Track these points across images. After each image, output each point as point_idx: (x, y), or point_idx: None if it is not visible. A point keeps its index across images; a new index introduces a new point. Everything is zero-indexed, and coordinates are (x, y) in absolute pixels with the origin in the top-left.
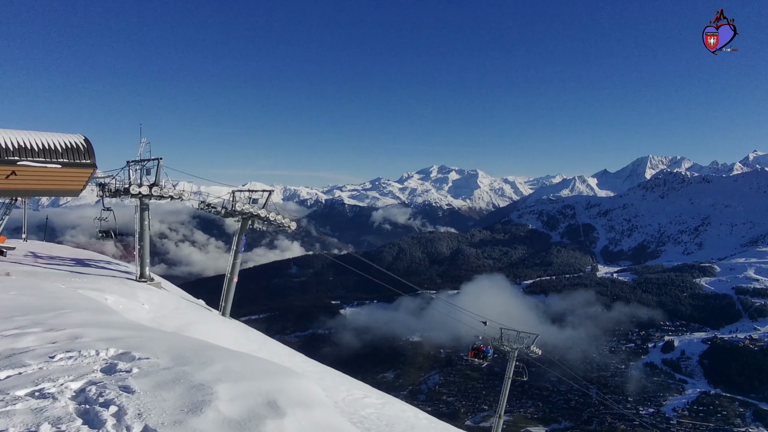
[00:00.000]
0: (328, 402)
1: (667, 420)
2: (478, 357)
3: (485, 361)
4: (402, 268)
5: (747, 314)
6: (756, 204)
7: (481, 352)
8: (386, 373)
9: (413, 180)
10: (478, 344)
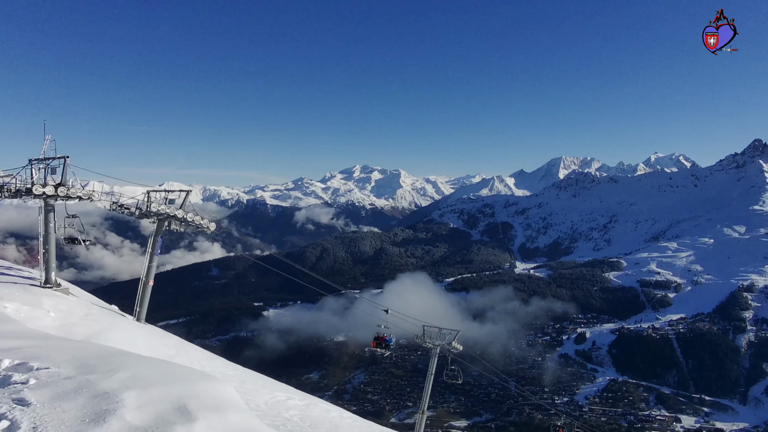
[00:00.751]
0: (243, 405)
1: (580, 408)
2: (381, 346)
3: (387, 350)
4: (326, 269)
5: (650, 305)
6: (657, 202)
7: (383, 342)
8: (311, 374)
9: (336, 180)
10: (380, 333)
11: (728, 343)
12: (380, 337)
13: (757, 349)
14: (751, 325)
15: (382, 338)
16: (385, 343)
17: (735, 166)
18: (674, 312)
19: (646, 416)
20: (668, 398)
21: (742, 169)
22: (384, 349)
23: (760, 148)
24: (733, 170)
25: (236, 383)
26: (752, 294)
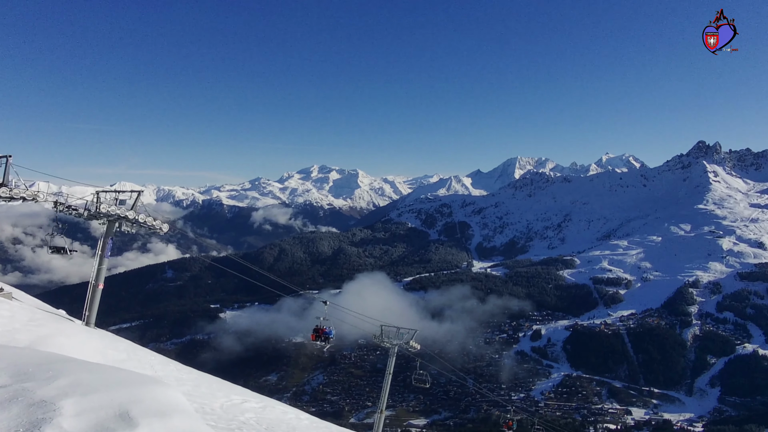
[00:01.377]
0: (190, 409)
1: (536, 403)
2: (320, 339)
3: (327, 343)
4: (284, 269)
5: (602, 302)
6: (609, 201)
7: (323, 334)
8: (269, 375)
9: (294, 180)
10: (320, 325)
11: (675, 337)
12: (319, 329)
13: (701, 342)
14: (696, 319)
15: (321, 330)
16: (324, 335)
17: (681, 166)
18: (625, 308)
19: (598, 410)
20: (619, 392)
21: (687, 169)
22: (324, 341)
23: (704, 150)
24: (679, 170)
25: (191, 387)
26: (697, 289)
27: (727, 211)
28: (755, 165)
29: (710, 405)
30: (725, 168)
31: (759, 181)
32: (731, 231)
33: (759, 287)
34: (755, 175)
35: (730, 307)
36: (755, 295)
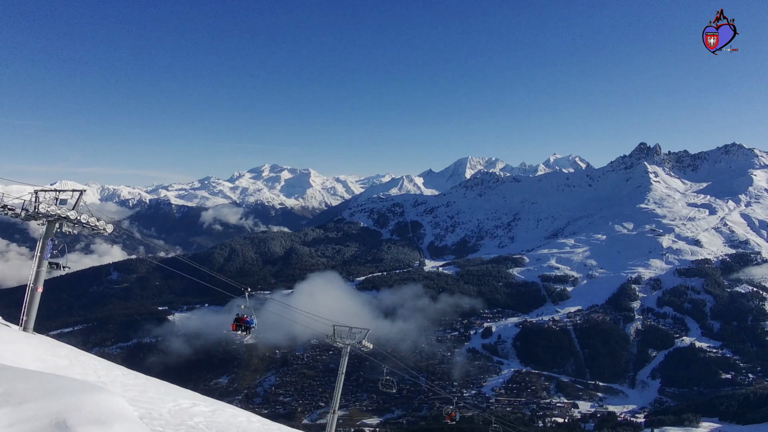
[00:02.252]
0: (133, 416)
1: (487, 399)
2: (241, 329)
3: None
4: (234, 270)
5: (550, 299)
6: (556, 201)
7: (243, 323)
8: (220, 378)
9: (245, 179)
10: (240, 314)
11: (619, 332)
12: (240, 318)
13: (643, 336)
14: (639, 314)
15: (242, 319)
16: (245, 325)
17: (624, 167)
18: (572, 304)
19: (547, 404)
20: (567, 386)
21: (630, 170)
22: (245, 331)
23: (645, 151)
24: (622, 171)
25: (137, 392)
26: (639, 285)
27: (666, 210)
28: (692, 166)
29: (651, 396)
30: (665, 169)
31: (695, 182)
32: (670, 229)
33: (696, 283)
34: (692, 175)
35: (669, 302)
36: (692, 291)
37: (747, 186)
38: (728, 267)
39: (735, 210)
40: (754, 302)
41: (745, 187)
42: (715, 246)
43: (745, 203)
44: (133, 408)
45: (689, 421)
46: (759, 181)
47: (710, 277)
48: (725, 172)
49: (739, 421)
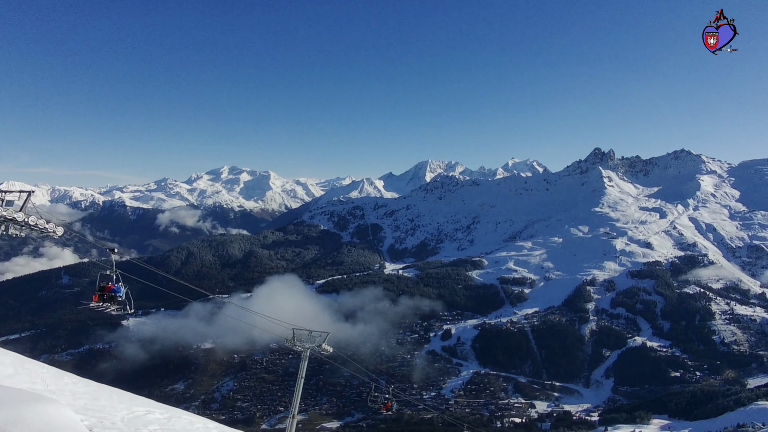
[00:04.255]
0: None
1: (446, 401)
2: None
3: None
4: (192, 273)
5: (508, 301)
6: (514, 204)
7: (109, 292)
8: (176, 384)
9: (203, 181)
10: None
11: (574, 332)
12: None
13: (597, 336)
14: (593, 315)
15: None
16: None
17: (579, 171)
18: (529, 306)
19: (505, 404)
20: (524, 386)
21: (585, 174)
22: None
23: (599, 156)
24: (578, 175)
25: (88, 401)
26: (594, 287)
27: (620, 213)
28: (644, 171)
29: (605, 395)
30: (618, 173)
31: (647, 186)
32: (623, 232)
33: (647, 284)
34: (644, 180)
35: (622, 303)
36: (644, 292)
37: (695, 191)
38: (677, 269)
39: (684, 214)
40: (701, 303)
41: (693, 191)
42: (665, 249)
43: (693, 207)
44: (83, 417)
45: (641, 418)
46: (706, 186)
47: (661, 278)
48: (675, 178)
49: (687, 417)
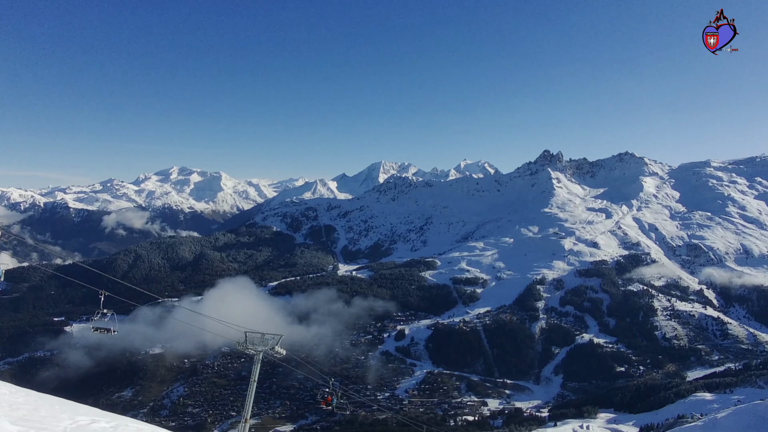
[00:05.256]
0: None
1: (400, 401)
2: None
3: None
4: (140, 277)
5: (461, 300)
6: (466, 205)
7: None
8: (123, 391)
9: (151, 182)
10: None
11: (525, 330)
12: None
13: (547, 334)
14: (543, 313)
15: None
16: None
17: (529, 173)
18: (481, 306)
19: (458, 403)
20: (477, 384)
21: (535, 176)
22: None
23: (548, 158)
24: (528, 177)
25: (27, 411)
26: (543, 286)
27: (568, 214)
28: (590, 173)
29: (554, 391)
30: (566, 175)
31: (594, 187)
32: (572, 232)
33: (594, 282)
34: (590, 182)
35: (570, 301)
36: (591, 290)
37: (638, 192)
38: (622, 267)
39: (628, 214)
40: (644, 300)
41: (636, 192)
42: (610, 248)
43: (636, 208)
44: (20, 429)
45: (588, 412)
46: (648, 187)
47: (606, 277)
48: (619, 179)
49: (631, 410)
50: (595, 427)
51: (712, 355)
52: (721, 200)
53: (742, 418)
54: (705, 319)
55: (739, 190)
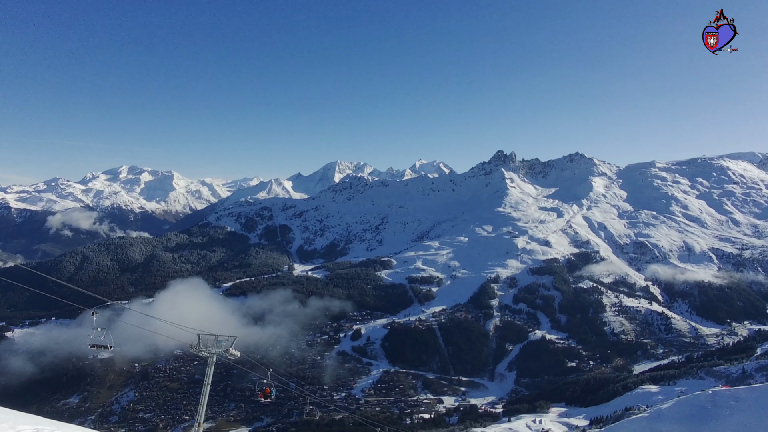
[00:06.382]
0: None
1: (356, 401)
2: None
3: None
4: (87, 279)
5: (417, 299)
6: (422, 205)
7: None
8: (69, 398)
9: (99, 181)
10: None
11: (480, 328)
12: None
13: (501, 332)
14: (497, 311)
15: None
16: None
17: (484, 173)
18: (437, 304)
19: (414, 401)
20: (433, 383)
21: (489, 175)
22: None
23: (502, 158)
24: (482, 177)
25: None
26: (497, 284)
27: (521, 213)
28: (542, 173)
29: (508, 387)
30: (519, 175)
31: (546, 187)
32: (525, 231)
33: (546, 280)
34: (543, 181)
35: (523, 299)
36: (543, 287)
37: (588, 191)
38: (573, 265)
39: (578, 213)
40: (594, 296)
41: (586, 192)
42: (562, 246)
43: (586, 207)
44: None
45: (541, 407)
46: (597, 187)
47: (558, 274)
48: (570, 179)
49: (581, 404)
50: (547, 421)
51: (657, 348)
52: (665, 200)
53: (685, 408)
54: (651, 314)
55: (681, 190)
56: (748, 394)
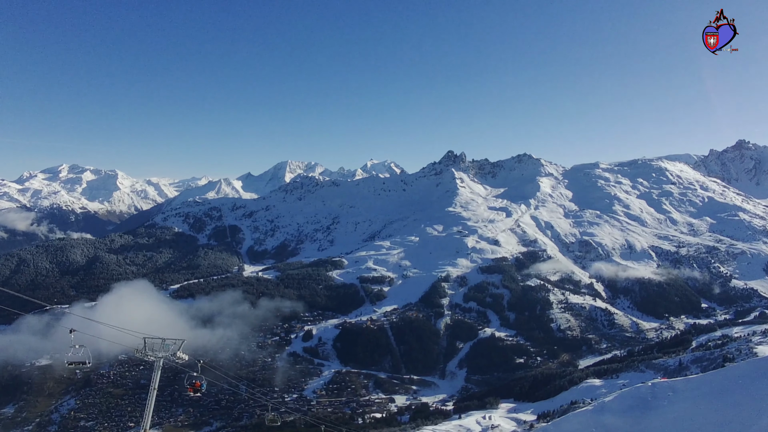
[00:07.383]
0: None
1: (308, 402)
2: None
3: None
4: (24, 283)
5: (368, 299)
6: (373, 204)
7: None
8: (4, 408)
9: (37, 180)
10: None
11: (431, 327)
12: None
13: (452, 330)
14: (448, 310)
15: None
16: None
17: (434, 173)
18: (388, 304)
19: (366, 401)
20: (384, 382)
21: (439, 176)
22: None
23: (452, 159)
24: (433, 177)
25: None
26: (448, 283)
27: (471, 213)
28: (492, 173)
29: (459, 385)
30: (469, 175)
31: (495, 187)
32: (474, 230)
33: (495, 279)
34: (492, 182)
35: (473, 297)
36: (492, 286)
37: (535, 191)
38: (521, 263)
39: (526, 213)
40: (541, 294)
41: (534, 192)
42: (510, 245)
43: (534, 207)
44: None
45: (490, 404)
46: (545, 187)
47: (507, 273)
48: (518, 179)
49: (530, 399)
50: (496, 417)
51: (601, 343)
52: (608, 199)
53: (626, 400)
54: (595, 310)
55: (623, 190)
56: (684, 385)
